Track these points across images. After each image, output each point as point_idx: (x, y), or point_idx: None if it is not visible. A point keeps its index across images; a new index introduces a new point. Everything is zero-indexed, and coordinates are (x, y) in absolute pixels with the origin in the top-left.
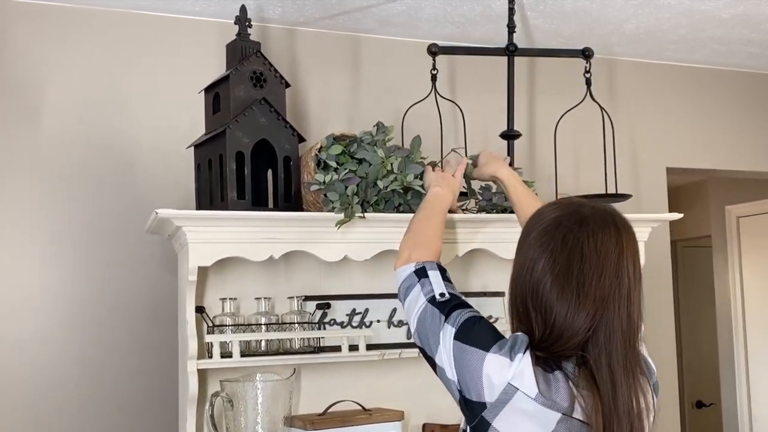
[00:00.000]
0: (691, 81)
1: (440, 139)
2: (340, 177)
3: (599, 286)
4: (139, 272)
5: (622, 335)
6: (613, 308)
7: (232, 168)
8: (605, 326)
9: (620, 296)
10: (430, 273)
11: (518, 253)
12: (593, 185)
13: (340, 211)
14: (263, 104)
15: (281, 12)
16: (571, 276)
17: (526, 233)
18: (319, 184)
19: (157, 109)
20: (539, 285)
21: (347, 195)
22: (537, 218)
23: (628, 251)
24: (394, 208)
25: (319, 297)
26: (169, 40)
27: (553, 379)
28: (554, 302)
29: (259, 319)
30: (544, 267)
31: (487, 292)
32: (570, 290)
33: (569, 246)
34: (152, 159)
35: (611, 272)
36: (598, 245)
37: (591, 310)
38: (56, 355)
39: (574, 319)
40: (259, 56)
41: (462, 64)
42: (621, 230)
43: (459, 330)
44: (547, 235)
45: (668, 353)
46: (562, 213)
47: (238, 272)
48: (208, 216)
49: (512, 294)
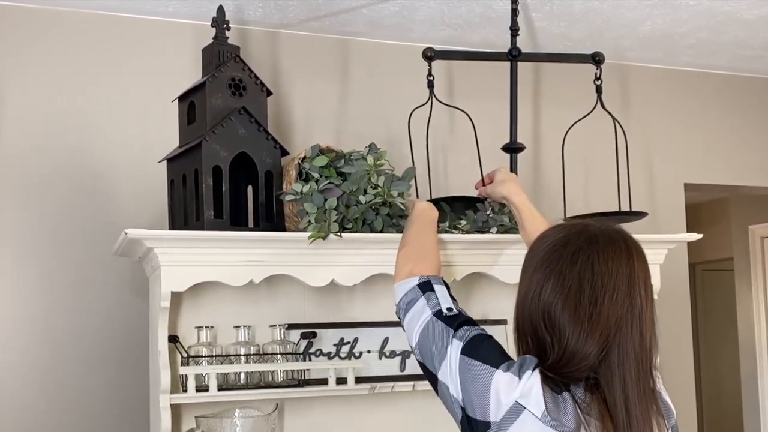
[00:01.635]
0: (711, 88)
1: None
2: (319, 187)
3: (612, 305)
4: (106, 298)
5: (635, 357)
6: (626, 329)
7: (209, 184)
8: (618, 348)
9: (632, 316)
10: (436, 287)
11: (524, 274)
12: (605, 203)
13: (315, 226)
14: (243, 114)
15: (262, 13)
16: (582, 296)
17: (532, 254)
18: (295, 195)
19: (127, 120)
20: (550, 307)
21: (325, 208)
22: (542, 239)
23: (639, 271)
24: (377, 229)
25: (304, 325)
26: (139, 44)
27: (561, 400)
28: (566, 324)
29: (238, 349)
30: (553, 288)
31: (487, 320)
32: (582, 310)
33: (579, 264)
34: (121, 174)
35: (623, 291)
36: (609, 263)
37: (604, 331)
38: (18, 387)
39: (587, 341)
40: (238, 61)
41: (460, 70)
42: (632, 249)
43: (467, 345)
44: (555, 253)
45: (686, 385)
46: (569, 232)
47: (215, 298)
48: (182, 236)
49: (518, 317)
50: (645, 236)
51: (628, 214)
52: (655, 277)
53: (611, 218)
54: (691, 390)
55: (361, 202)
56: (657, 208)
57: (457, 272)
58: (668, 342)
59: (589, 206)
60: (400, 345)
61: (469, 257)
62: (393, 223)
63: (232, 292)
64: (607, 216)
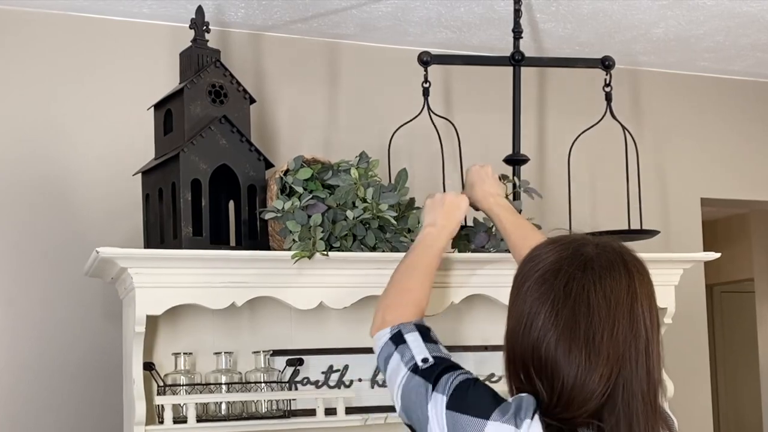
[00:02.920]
0: (730, 95)
1: (441, 164)
2: (302, 203)
3: (612, 341)
4: (76, 323)
5: (642, 398)
6: (631, 366)
7: (187, 199)
8: (622, 389)
9: (637, 351)
10: (407, 337)
11: (512, 305)
12: (614, 219)
13: (300, 246)
14: (224, 123)
15: (245, 14)
16: (578, 331)
17: (520, 282)
18: (276, 212)
19: (99, 129)
20: (541, 343)
21: (310, 225)
22: (532, 262)
23: (642, 296)
24: (368, 246)
25: (290, 351)
26: (112, 48)
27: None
28: (561, 363)
29: (218, 377)
30: (545, 323)
31: (488, 346)
32: (578, 348)
33: (573, 296)
34: (92, 188)
35: (625, 325)
36: (607, 292)
37: (605, 371)
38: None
39: (586, 382)
40: (218, 66)
41: (459, 76)
42: (632, 271)
43: (451, 397)
44: (545, 284)
45: (703, 415)
46: (561, 255)
47: (194, 322)
48: (158, 256)
49: (508, 353)
50: (658, 255)
51: (639, 232)
52: (669, 300)
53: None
54: (709, 423)
55: (348, 217)
56: (671, 225)
57: (454, 294)
58: (684, 371)
59: (597, 223)
60: None
61: (468, 278)
62: (386, 239)
63: (212, 316)
64: (616, 234)
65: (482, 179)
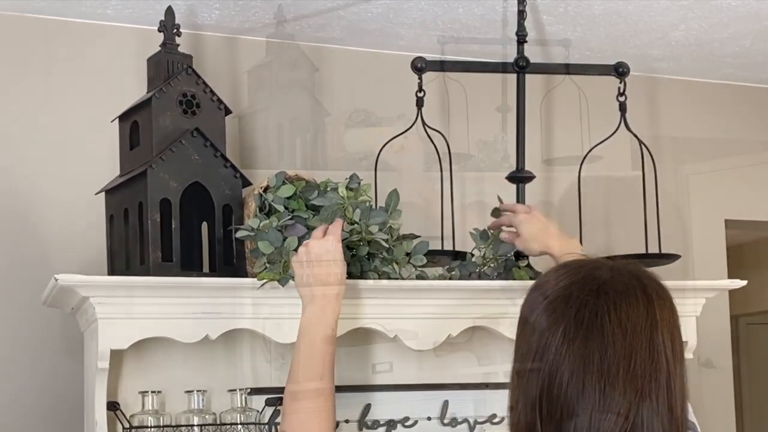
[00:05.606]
0: (757, 106)
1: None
2: (279, 223)
3: (630, 378)
4: (32, 357)
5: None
6: (650, 403)
7: (156, 220)
8: (642, 429)
9: (658, 386)
10: None
11: (519, 338)
12: (630, 243)
13: (270, 270)
14: (196, 136)
15: (219, 15)
16: (591, 365)
17: (526, 311)
18: (249, 231)
19: (57, 143)
20: (552, 380)
21: (284, 248)
22: (540, 289)
23: (663, 324)
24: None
25: (270, 390)
26: (72, 53)
27: None
28: (574, 402)
29: (190, 418)
30: (556, 356)
31: (489, 384)
32: (591, 385)
33: (585, 324)
34: (50, 208)
35: (644, 357)
36: (623, 320)
37: (622, 409)
38: None
39: (601, 423)
40: (190, 74)
41: (457, 84)
42: (652, 296)
43: None
44: (555, 312)
45: None
46: (572, 279)
47: (164, 357)
48: (123, 283)
49: (514, 393)
50: (678, 283)
51: (657, 257)
52: (690, 333)
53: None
54: None
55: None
56: (692, 249)
57: (452, 326)
58: (706, 410)
59: (611, 247)
60: (385, 413)
61: (468, 308)
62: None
63: (183, 351)
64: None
65: (540, 228)
